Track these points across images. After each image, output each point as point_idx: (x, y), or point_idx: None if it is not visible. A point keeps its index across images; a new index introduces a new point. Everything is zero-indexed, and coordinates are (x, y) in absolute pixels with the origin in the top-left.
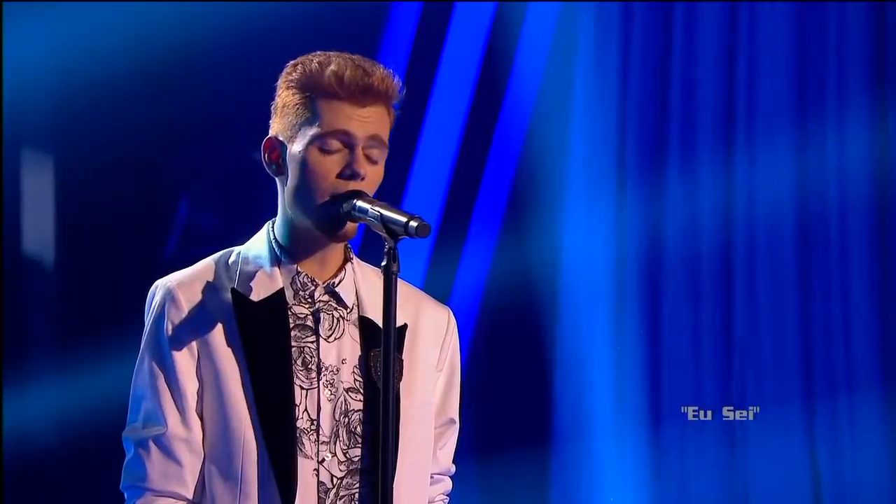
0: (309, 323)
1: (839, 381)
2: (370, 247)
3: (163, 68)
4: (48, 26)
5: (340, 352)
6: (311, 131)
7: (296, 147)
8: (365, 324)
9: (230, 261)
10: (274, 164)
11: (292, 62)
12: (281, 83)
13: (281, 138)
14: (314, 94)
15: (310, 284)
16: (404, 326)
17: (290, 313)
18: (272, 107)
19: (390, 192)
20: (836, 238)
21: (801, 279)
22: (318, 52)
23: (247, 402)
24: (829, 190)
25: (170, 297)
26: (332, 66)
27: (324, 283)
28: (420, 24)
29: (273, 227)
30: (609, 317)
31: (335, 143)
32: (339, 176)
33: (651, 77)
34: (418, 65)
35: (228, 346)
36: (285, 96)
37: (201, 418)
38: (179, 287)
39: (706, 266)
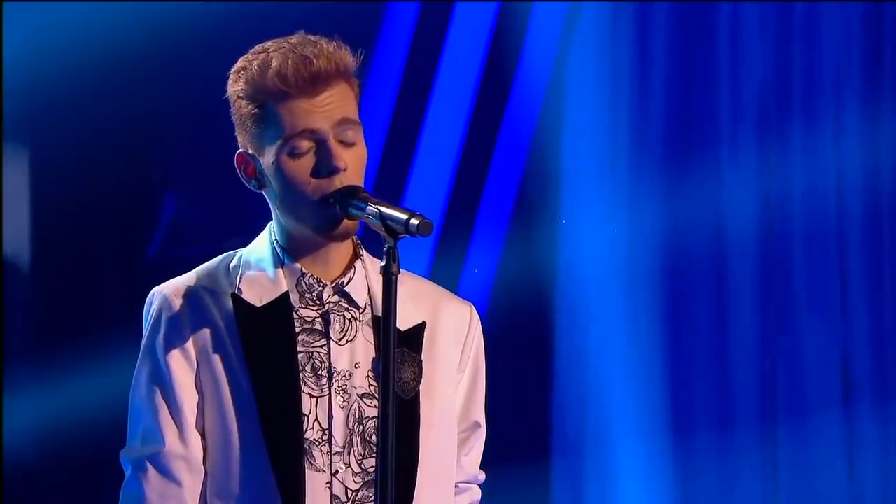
0: (318, 326)
1: (872, 391)
2: (370, 246)
3: (149, 59)
4: (27, 15)
5: (353, 355)
6: (277, 140)
7: (267, 158)
8: (379, 324)
9: (231, 265)
10: (253, 180)
11: (233, 70)
12: (230, 95)
13: (251, 151)
14: (265, 100)
15: (316, 286)
16: (422, 325)
17: (296, 317)
18: (232, 118)
19: (391, 190)
20: (870, 239)
21: (819, 281)
22: (257, 49)
23: (250, 414)
24: (864, 189)
25: (166, 304)
26: (274, 66)
27: (332, 283)
28: (420, 22)
29: (274, 229)
30: (621, 320)
31: (304, 144)
32: (318, 176)
33: (660, 76)
34: (419, 63)
35: (229, 355)
36: (239, 108)
37: (202, 433)
38: (176, 294)
39: (721, 267)
